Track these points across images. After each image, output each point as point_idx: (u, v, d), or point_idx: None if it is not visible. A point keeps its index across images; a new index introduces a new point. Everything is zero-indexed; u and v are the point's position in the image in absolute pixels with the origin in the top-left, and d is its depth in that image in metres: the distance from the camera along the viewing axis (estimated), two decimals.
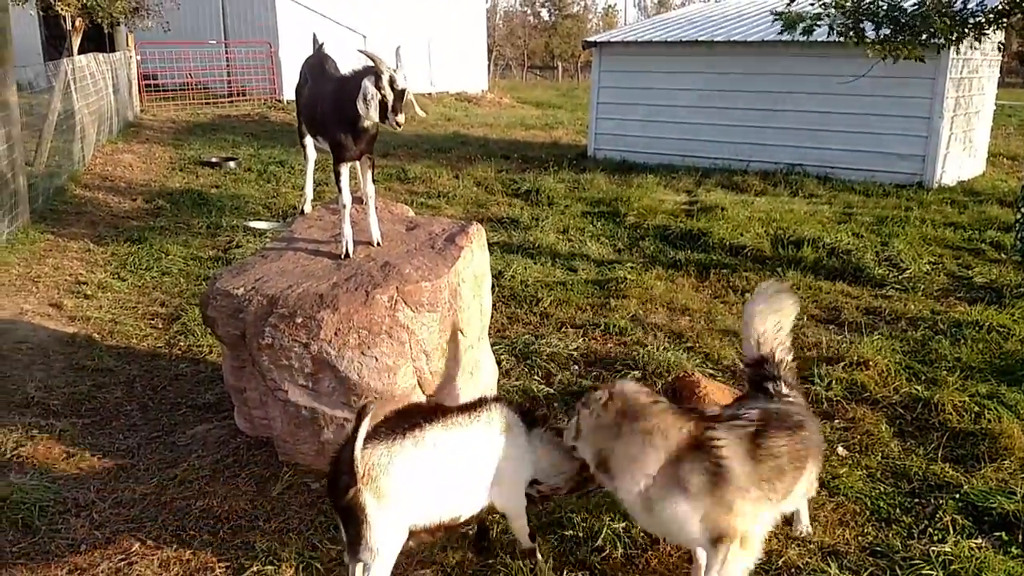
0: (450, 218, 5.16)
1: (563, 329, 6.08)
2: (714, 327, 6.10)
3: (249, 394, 4.24)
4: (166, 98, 18.91)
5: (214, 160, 12.49)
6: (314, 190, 5.34)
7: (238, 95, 20.30)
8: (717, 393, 4.74)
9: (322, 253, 4.46)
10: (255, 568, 3.31)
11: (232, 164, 12.32)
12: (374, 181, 4.51)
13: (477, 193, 10.85)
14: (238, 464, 4.12)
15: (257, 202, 10.15)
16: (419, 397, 4.09)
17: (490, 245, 5.17)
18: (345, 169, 4.33)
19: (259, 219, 9.26)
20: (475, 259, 4.48)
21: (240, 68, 20.91)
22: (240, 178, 11.58)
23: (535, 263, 7.66)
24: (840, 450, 4.28)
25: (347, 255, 4.33)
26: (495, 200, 10.44)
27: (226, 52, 21.41)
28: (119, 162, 12.27)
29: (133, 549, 3.47)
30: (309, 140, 4.94)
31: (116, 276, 6.98)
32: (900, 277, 7.19)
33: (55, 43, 20.58)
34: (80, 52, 13.40)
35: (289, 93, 18.48)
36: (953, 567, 3.24)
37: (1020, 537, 3.45)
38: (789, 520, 3.52)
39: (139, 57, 18.45)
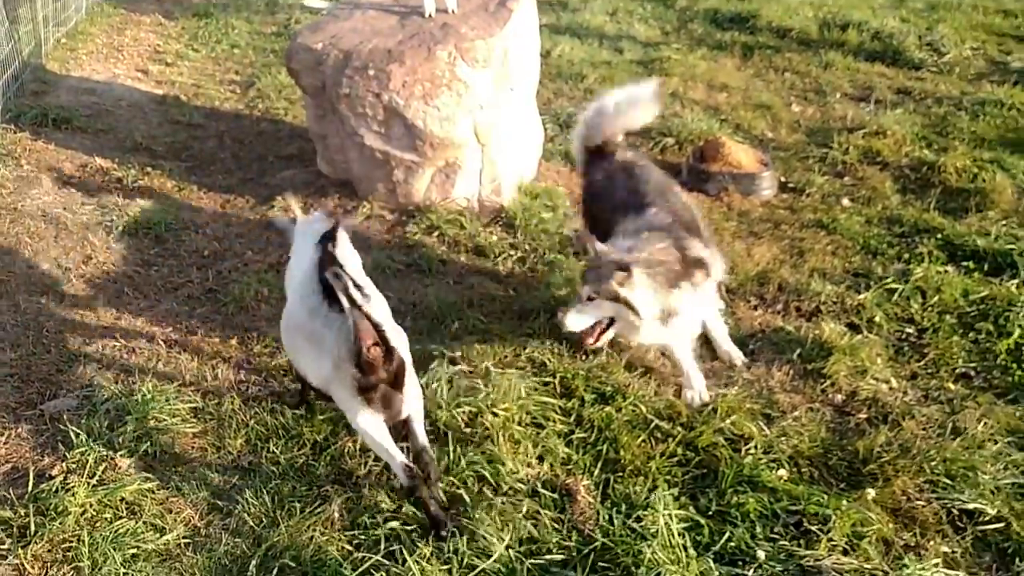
0: None
1: None
2: (749, 102, 6.49)
3: (331, 140, 4.88)
4: None
5: None
6: None
7: None
8: (741, 154, 5.27)
9: (388, 13, 4.91)
10: None
11: None
12: None
13: None
14: (324, 199, 4.83)
15: None
16: (475, 145, 4.70)
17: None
18: None
19: None
20: (525, 22, 4.91)
21: None
22: None
23: (582, 43, 7.92)
24: (845, 202, 4.85)
25: (430, 16, 4.75)
26: None
27: None
28: None
29: (246, 256, 4.29)
30: None
31: (190, 47, 7.50)
32: (939, 61, 7.36)
33: None
34: None
35: None
36: (918, 283, 3.90)
37: (985, 266, 4.06)
38: None
39: None
